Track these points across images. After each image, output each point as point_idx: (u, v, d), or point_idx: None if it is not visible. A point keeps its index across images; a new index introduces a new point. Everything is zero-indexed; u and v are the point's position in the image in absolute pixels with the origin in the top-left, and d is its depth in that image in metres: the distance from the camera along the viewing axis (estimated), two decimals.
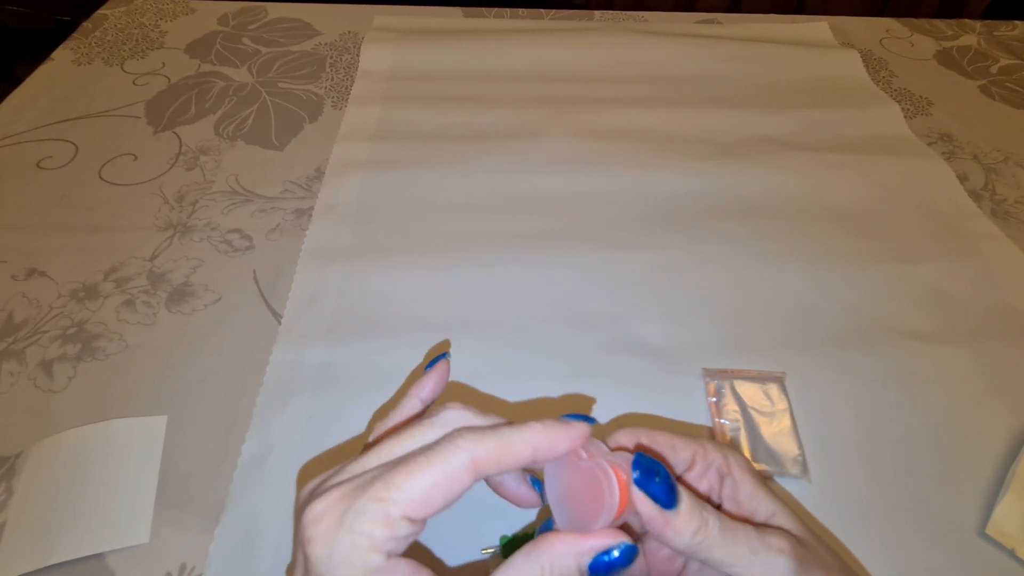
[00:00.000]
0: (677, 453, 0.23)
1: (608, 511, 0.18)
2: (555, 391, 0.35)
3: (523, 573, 0.18)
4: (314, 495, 0.18)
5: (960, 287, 0.42)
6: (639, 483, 0.19)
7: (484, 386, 0.35)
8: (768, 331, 0.39)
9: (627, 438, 0.23)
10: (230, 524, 0.29)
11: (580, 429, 0.20)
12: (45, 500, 0.30)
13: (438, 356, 0.25)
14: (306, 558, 0.17)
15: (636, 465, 0.20)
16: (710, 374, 0.36)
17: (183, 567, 0.28)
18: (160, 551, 0.29)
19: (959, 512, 0.31)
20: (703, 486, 0.23)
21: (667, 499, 0.19)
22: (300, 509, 0.18)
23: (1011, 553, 0.30)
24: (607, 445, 0.22)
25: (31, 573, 0.28)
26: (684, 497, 0.19)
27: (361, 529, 0.17)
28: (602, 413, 0.34)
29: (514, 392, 0.35)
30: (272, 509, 0.30)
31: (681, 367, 0.36)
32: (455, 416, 0.20)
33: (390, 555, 0.17)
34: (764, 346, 0.38)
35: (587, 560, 0.18)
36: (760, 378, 0.36)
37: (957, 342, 0.38)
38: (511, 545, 0.28)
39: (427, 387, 0.23)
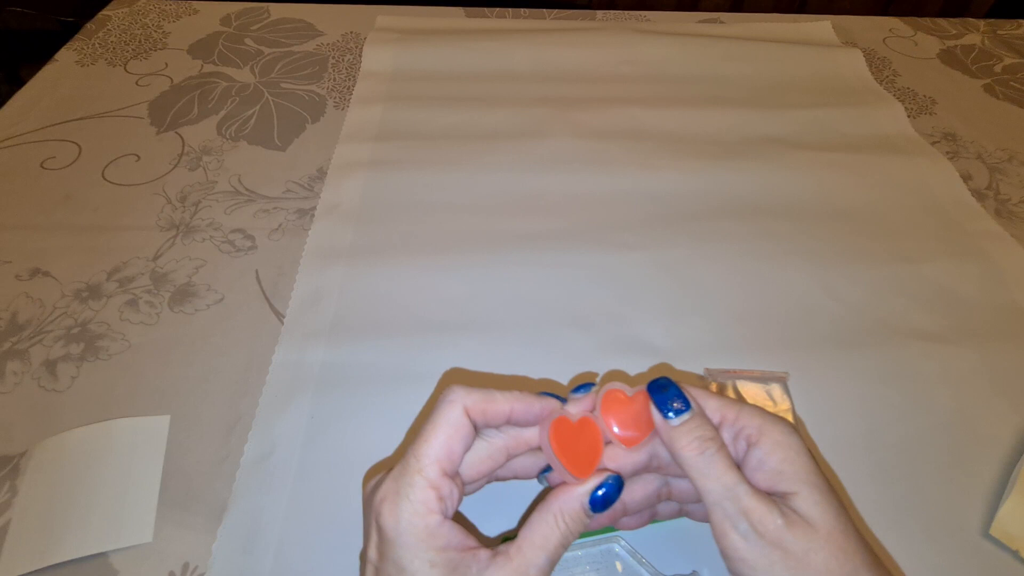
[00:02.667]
0: (705, 411, 0.23)
1: (590, 460, 0.23)
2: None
3: (541, 524, 0.21)
4: (377, 485, 0.22)
5: (964, 287, 0.42)
6: (650, 392, 0.23)
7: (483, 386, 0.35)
8: (771, 331, 0.39)
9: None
10: (233, 523, 0.29)
11: (549, 405, 0.24)
12: (49, 499, 0.30)
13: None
14: (380, 530, 0.21)
15: (652, 382, 0.24)
16: (712, 374, 0.36)
17: (186, 566, 0.28)
18: (163, 550, 0.29)
19: (963, 513, 0.31)
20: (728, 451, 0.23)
21: (667, 411, 0.23)
22: (368, 499, 0.22)
23: (1015, 554, 0.29)
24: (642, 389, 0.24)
25: (35, 572, 0.28)
26: (693, 415, 0.23)
27: (416, 497, 0.20)
28: None
29: None
30: (275, 508, 0.30)
31: (683, 367, 0.36)
32: (450, 392, 0.23)
33: (444, 516, 0.21)
34: (767, 346, 0.38)
35: (586, 499, 0.22)
36: (763, 378, 0.36)
37: (961, 342, 0.38)
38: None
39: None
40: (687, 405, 0.23)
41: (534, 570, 0.21)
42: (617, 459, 0.24)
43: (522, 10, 0.70)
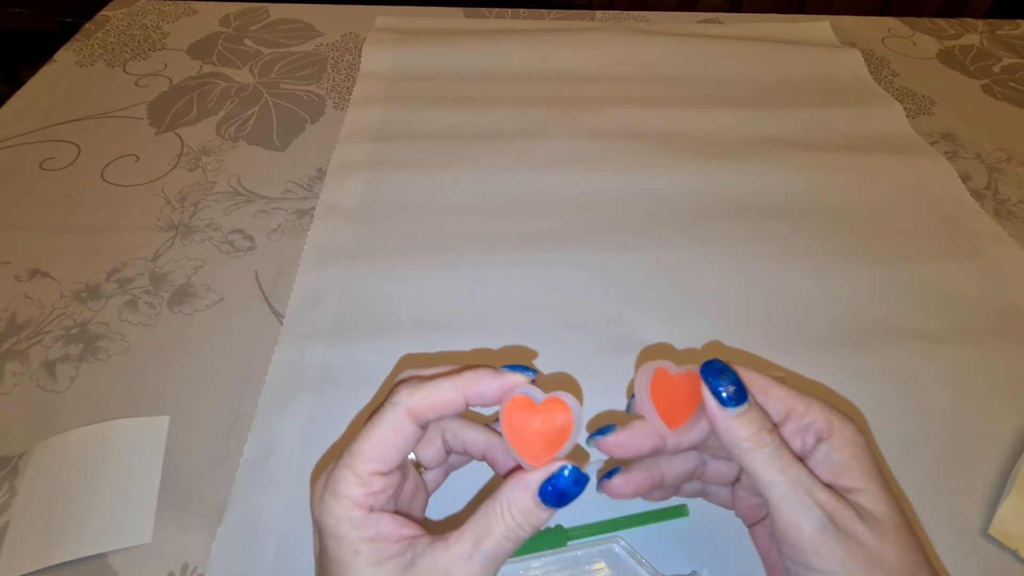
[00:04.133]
0: (768, 401, 0.23)
1: (551, 445, 0.21)
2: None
3: (487, 514, 0.20)
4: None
5: (963, 287, 0.42)
6: (705, 377, 0.22)
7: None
8: (770, 331, 0.39)
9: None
10: (232, 523, 0.29)
11: (512, 379, 0.22)
12: (48, 500, 0.30)
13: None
14: (315, 523, 0.21)
15: (706, 364, 0.22)
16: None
17: (185, 567, 0.28)
18: (162, 551, 0.29)
19: (962, 512, 0.31)
20: (794, 445, 0.22)
21: (727, 400, 0.22)
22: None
23: (1015, 554, 0.29)
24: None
25: (34, 573, 0.28)
26: (751, 407, 0.22)
27: (341, 491, 0.20)
28: (603, 414, 0.34)
29: None
30: (274, 508, 0.30)
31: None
32: (394, 393, 0.22)
33: (372, 509, 0.20)
34: (766, 346, 0.38)
35: (536, 490, 0.20)
36: None
37: (961, 342, 0.38)
38: None
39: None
40: (744, 396, 0.22)
41: (470, 563, 0.19)
42: (674, 435, 0.23)
43: (521, 10, 0.70)
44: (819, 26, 0.69)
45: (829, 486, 0.21)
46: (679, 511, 0.30)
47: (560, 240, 0.43)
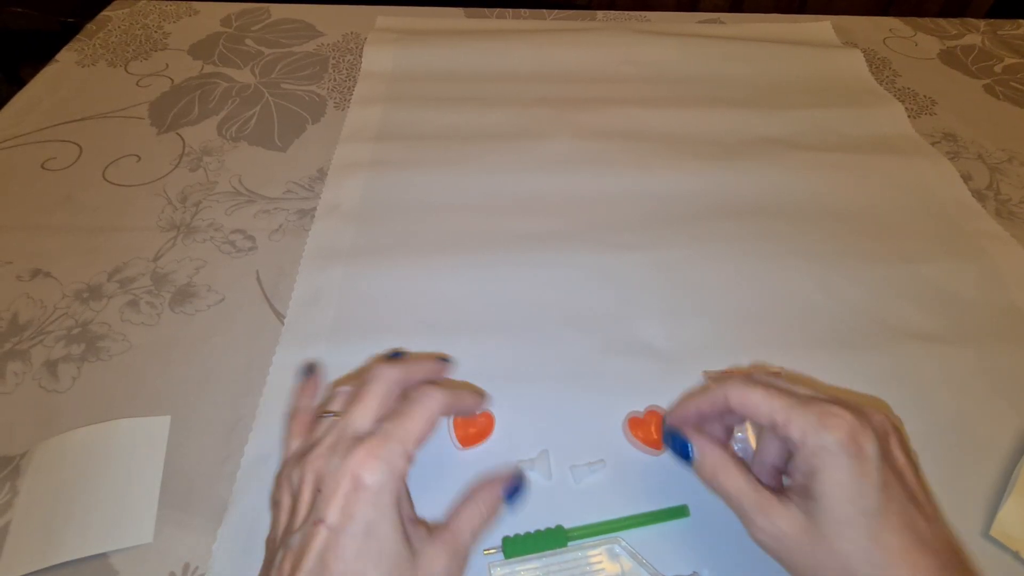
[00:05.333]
0: (759, 416, 0.26)
1: (476, 438, 0.33)
2: (556, 391, 0.35)
3: (468, 508, 0.26)
4: (340, 447, 0.24)
5: (964, 287, 0.42)
6: (666, 443, 0.30)
7: (483, 386, 0.35)
8: (771, 331, 0.39)
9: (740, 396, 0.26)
10: (233, 524, 0.30)
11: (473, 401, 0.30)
12: (49, 500, 0.30)
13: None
14: (359, 485, 0.22)
15: (666, 433, 0.30)
16: (711, 376, 0.36)
17: (186, 567, 0.28)
18: (164, 551, 0.29)
19: (963, 514, 0.31)
20: (774, 453, 0.27)
21: (687, 460, 0.28)
22: (312, 460, 0.24)
23: (1015, 555, 0.29)
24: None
25: (35, 572, 0.28)
26: (698, 461, 0.28)
27: (396, 465, 0.23)
28: (603, 414, 0.34)
29: (515, 392, 0.35)
30: None
31: (683, 368, 0.36)
32: (389, 371, 0.27)
33: (406, 475, 0.24)
34: (767, 346, 0.38)
35: (502, 491, 0.27)
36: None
37: (961, 343, 0.38)
38: (512, 545, 0.28)
39: (312, 396, 0.30)
40: (688, 456, 0.28)
41: (464, 542, 0.25)
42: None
43: (522, 10, 0.70)
44: (820, 26, 0.69)
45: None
46: (679, 512, 0.30)
47: (560, 240, 0.43)
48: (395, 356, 0.32)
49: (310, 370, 0.31)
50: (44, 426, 0.33)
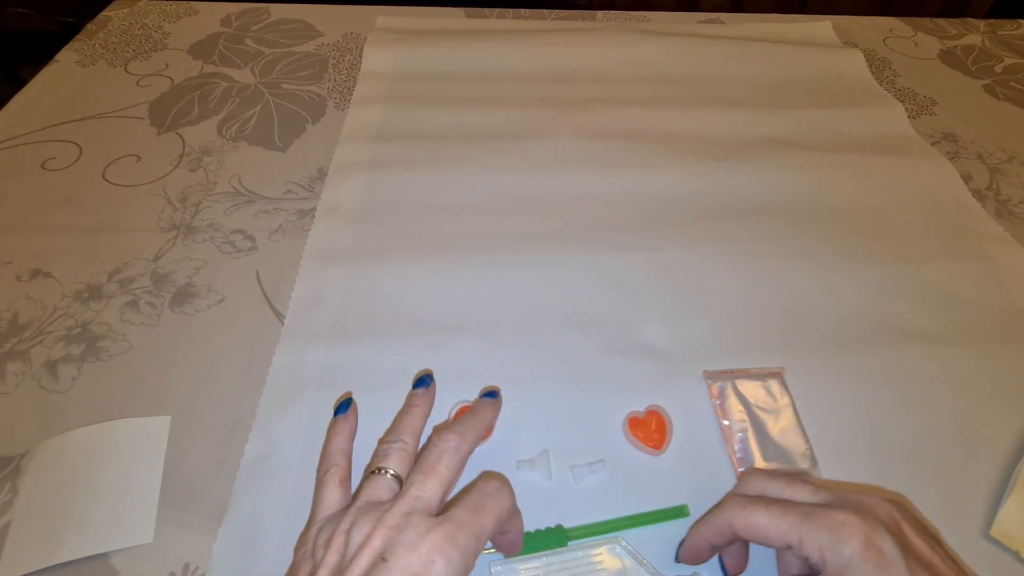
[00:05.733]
0: (769, 540, 0.24)
1: None
2: (556, 391, 0.35)
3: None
4: (412, 519, 0.23)
5: (965, 288, 0.42)
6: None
7: (484, 386, 0.35)
8: (772, 332, 0.39)
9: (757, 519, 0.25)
10: (233, 524, 0.30)
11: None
12: (49, 500, 0.30)
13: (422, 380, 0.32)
14: (431, 567, 0.21)
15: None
16: (711, 376, 0.36)
17: (186, 567, 0.28)
18: (164, 551, 0.29)
19: (963, 514, 0.31)
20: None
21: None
22: (362, 511, 0.23)
23: (1015, 555, 0.29)
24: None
25: (36, 572, 0.28)
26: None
27: (468, 559, 0.22)
28: (603, 414, 0.34)
29: (515, 392, 0.35)
30: (275, 509, 0.30)
31: (683, 368, 0.36)
32: (454, 441, 0.26)
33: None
34: (768, 347, 0.38)
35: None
36: (760, 375, 0.36)
37: (962, 343, 0.38)
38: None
39: (349, 438, 0.30)
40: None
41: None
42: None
43: (522, 10, 0.70)
44: (820, 26, 0.69)
45: None
46: (679, 511, 0.30)
47: (561, 240, 0.43)
48: (424, 382, 0.31)
49: (347, 406, 0.30)
50: (44, 426, 0.33)
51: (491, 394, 0.31)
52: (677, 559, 0.28)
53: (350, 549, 0.22)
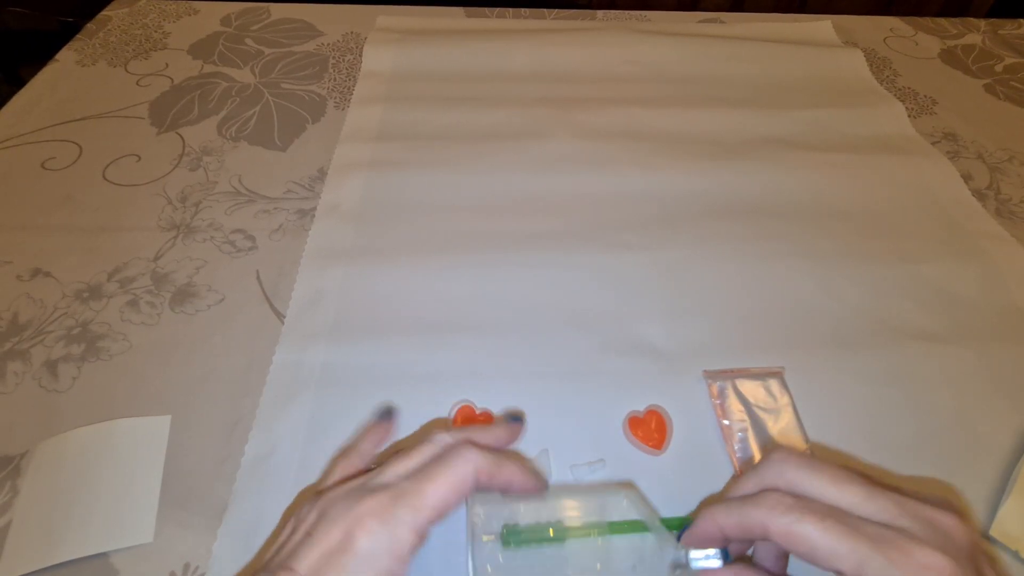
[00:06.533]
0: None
1: None
2: (556, 391, 0.35)
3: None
4: (353, 494, 0.22)
5: (965, 287, 0.42)
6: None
7: (484, 386, 0.35)
8: (772, 331, 0.39)
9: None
10: (233, 523, 0.30)
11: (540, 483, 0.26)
12: (50, 499, 0.30)
13: (384, 412, 0.31)
14: (351, 546, 0.20)
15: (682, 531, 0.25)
16: (711, 376, 0.36)
17: (187, 566, 0.28)
18: (164, 550, 0.29)
19: None
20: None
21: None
22: (325, 508, 0.22)
23: (1015, 555, 0.29)
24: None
25: (36, 572, 0.28)
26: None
27: (399, 535, 0.21)
28: (603, 413, 0.34)
29: (515, 392, 0.35)
30: (275, 508, 0.30)
31: (683, 367, 0.36)
32: (445, 437, 0.25)
33: (410, 555, 0.21)
34: (768, 346, 0.38)
35: None
36: (760, 375, 0.36)
37: (962, 342, 0.38)
38: (511, 534, 0.28)
39: (377, 443, 0.29)
40: (725, 555, 0.25)
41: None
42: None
43: (522, 10, 0.70)
44: (821, 26, 0.69)
45: None
46: (682, 522, 0.29)
47: (560, 240, 0.43)
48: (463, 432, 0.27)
49: (387, 414, 0.30)
50: (44, 426, 0.33)
51: (516, 418, 0.30)
52: (679, 539, 0.25)
53: (296, 524, 0.22)
